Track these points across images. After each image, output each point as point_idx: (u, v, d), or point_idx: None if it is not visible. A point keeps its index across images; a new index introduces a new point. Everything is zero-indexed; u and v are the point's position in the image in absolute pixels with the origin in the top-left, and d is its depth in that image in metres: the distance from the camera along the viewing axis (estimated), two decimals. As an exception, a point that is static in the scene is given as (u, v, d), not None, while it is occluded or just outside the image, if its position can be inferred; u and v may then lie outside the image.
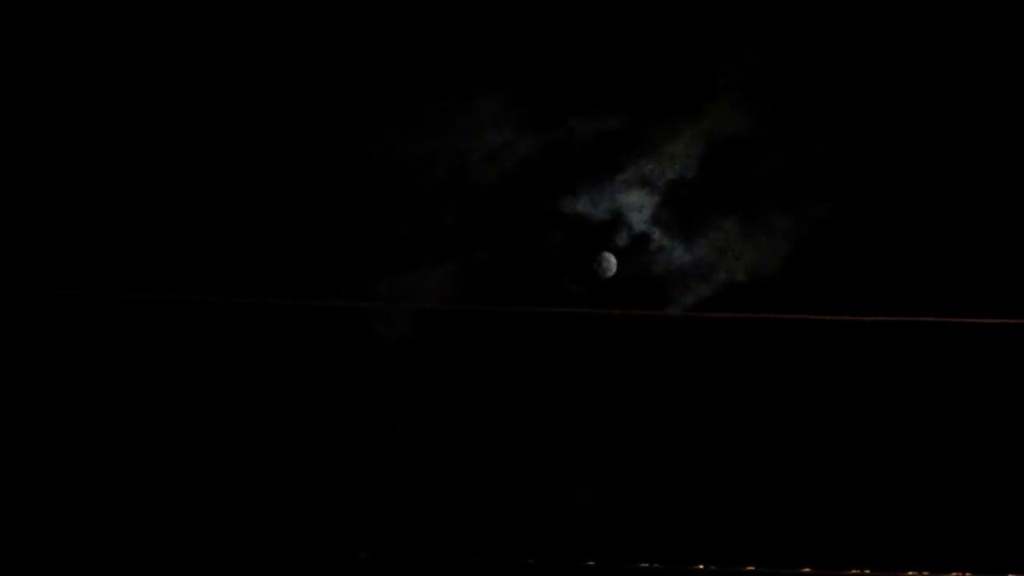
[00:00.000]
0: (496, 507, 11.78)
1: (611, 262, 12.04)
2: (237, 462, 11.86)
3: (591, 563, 11.63)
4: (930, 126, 12.03)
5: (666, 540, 11.70)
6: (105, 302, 11.90)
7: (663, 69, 12.11)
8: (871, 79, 12.05)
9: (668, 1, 12.13)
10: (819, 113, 12.07)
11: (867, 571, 11.49)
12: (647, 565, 11.60)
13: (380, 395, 11.92)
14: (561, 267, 12.09)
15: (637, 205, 12.04)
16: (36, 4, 12.08)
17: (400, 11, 12.11)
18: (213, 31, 12.10)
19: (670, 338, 11.85)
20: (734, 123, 12.11)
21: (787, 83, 12.06)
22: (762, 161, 12.03)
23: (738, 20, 12.08)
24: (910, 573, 11.46)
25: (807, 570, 11.52)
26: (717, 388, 11.88)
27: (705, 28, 12.07)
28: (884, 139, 12.06)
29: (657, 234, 12.04)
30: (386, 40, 12.13)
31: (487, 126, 12.09)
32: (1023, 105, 11.95)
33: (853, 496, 11.64)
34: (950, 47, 12.00)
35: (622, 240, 12.07)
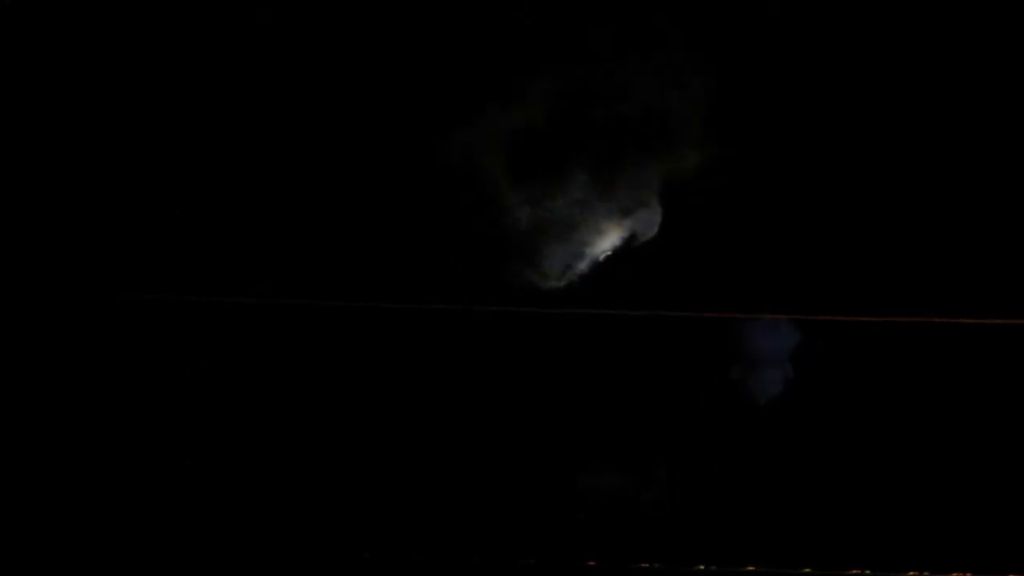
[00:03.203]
0: (496, 507, 11.79)
1: (608, 260, 12.01)
2: (238, 462, 11.88)
3: (591, 563, 11.64)
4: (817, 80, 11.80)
5: (666, 540, 11.70)
6: (105, 302, 11.91)
7: (517, 12, 11.75)
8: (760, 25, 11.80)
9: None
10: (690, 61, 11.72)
11: (867, 571, 11.49)
12: (647, 565, 11.60)
13: (380, 395, 11.93)
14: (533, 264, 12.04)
15: (490, 160, 11.72)
16: (36, 4, 12.07)
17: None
18: (210, 32, 12.08)
19: (668, 337, 11.82)
20: (598, 73, 11.68)
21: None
22: (624, 110, 11.67)
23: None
24: (910, 573, 11.45)
25: (807, 570, 11.51)
26: (716, 388, 11.87)
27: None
28: (757, 88, 11.78)
29: (512, 193, 11.80)
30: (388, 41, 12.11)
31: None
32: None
33: (853, 496, 11.64)
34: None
35: (468, 199, 11.83)
